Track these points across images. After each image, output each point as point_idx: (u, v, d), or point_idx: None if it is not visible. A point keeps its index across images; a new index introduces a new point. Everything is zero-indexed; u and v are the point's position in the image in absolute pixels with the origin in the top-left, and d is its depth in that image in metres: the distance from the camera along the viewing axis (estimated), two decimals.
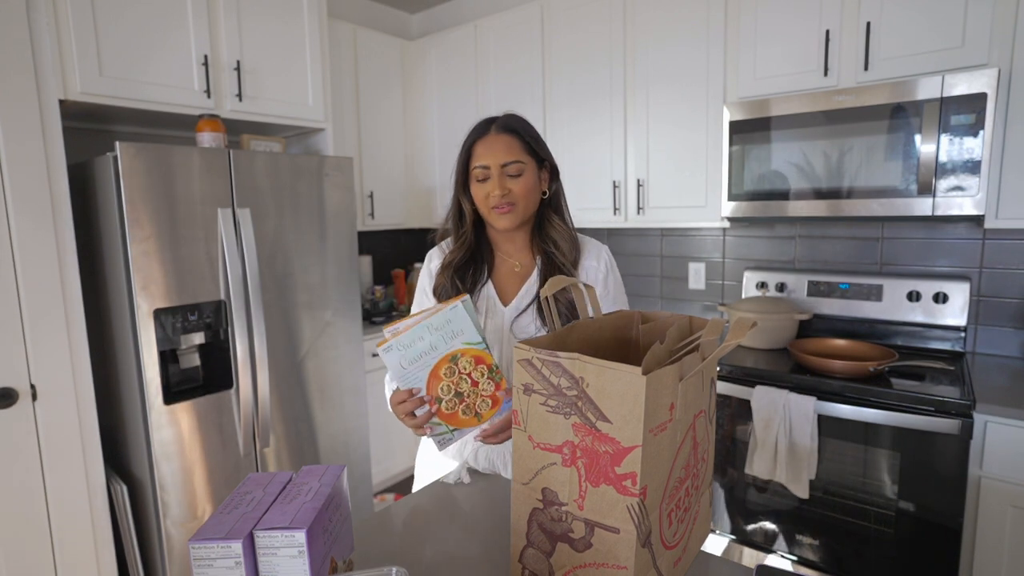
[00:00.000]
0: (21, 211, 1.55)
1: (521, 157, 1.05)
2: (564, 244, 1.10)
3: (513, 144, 1.05)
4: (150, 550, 1.83)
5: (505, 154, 1.04)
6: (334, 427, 2.21)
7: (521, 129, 1.08)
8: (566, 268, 1.09)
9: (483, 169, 1.05)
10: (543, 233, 1.12)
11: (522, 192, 1.05)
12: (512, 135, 1.06)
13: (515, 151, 1.05)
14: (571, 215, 1.16)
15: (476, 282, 1.12)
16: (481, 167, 1.05)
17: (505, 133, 1.06)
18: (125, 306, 1.70)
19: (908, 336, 1.97)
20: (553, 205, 1.13)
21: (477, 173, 1.06)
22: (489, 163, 1.04)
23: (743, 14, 1.96)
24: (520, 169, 1.05)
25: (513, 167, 1.04)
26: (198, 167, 1.76)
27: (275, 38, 2.14)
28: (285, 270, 2.01)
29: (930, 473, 1.52)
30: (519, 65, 2.58)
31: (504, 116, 1.10)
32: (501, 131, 1.06)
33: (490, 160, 1.04)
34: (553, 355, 0.65)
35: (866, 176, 1.72)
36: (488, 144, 1.05)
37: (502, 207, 1.04)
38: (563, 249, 1.10)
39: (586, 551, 0.65)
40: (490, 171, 1.04)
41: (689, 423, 0.70)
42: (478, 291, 1.12)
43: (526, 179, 1.05)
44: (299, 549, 0.60)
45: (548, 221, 1.12)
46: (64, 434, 1.66)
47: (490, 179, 1.04)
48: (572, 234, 1.13)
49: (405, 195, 3.01)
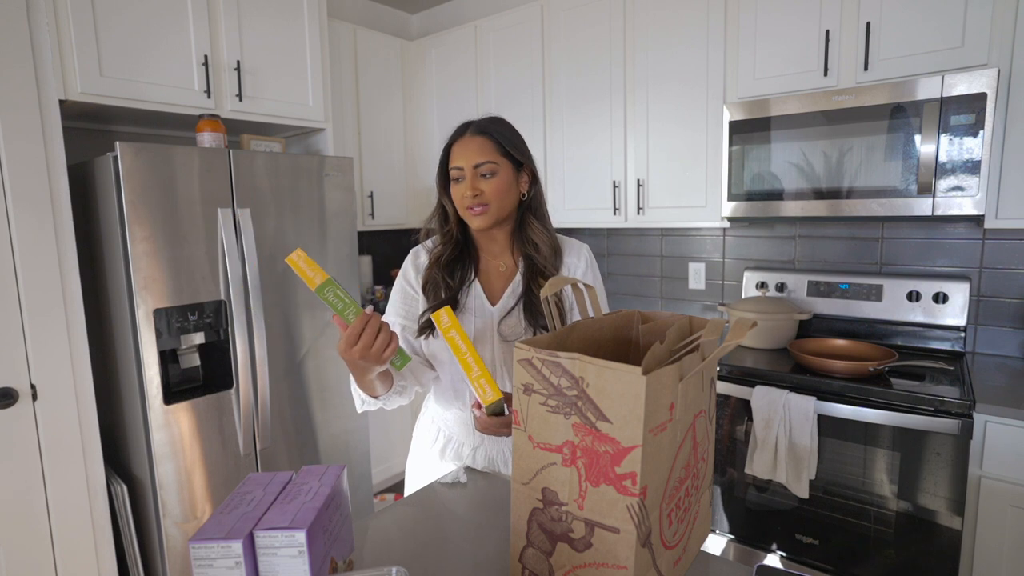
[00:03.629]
0: (21, 211, 1.55)
1: (494, 158, 1.06)
2: (544, 247, 1.12)
3: (486, 145, 1.07)
4: (150, 550, 1.83)
5: (478, 155, 1.05)
6: (334, 427, 2.21)
7: (496, 132, 1.09)
8: (547, 271, 1.10)
9: (458, 170, 1.07)
10: (523, 235, 1.13)
11: (494, 193, 1.06)
12: (486, 137, 1.07)
13: (487, 152, 1.06)
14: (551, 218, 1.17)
15: (464, 278, 1.13)
16: (456, 168, 1.07)
17: (480, 135, 1.07)
18: (125, 306, 1.70)
19: (908, 336, 1.97)
20: (532, 208, 1.13)
21: (453, 174, 1.08)
22: (463, 164, 1.06)
23: (743, 14, 1.96)
24: (493, 169, 1.06)
25: (485, 167, 1.06)
26: (198, 167, 1.77)
27: (275, 38, 2.15)
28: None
29: (930, 473, 1.52)
30: (519, 65, 2.58)
31: (482, 119, 1.12)
32: (476, 133, 1.08)
33: (463, 161, 1.06)
34: (553, 355, 0.65)
35: (866, 176, 1.72)
36: (463, 146, 1.07)
37: (474, 207, 1.06)
38: (543, 252, 1.11)
39: (586, 551, 0.65)
40: (464, 172, 1.06)
41: (689, 423, 0.70)
42: (466, 288, 1.13)
43: (499, 180, 1.07)
44: (299, 549, 0.60)
45: (528, 224, 1.13)
46: (64, 434, 1.66)
47: (464, 180, 1.06)
48: (551, 237, 1.14)
49: (405, 195, 3.01)
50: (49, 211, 1.60)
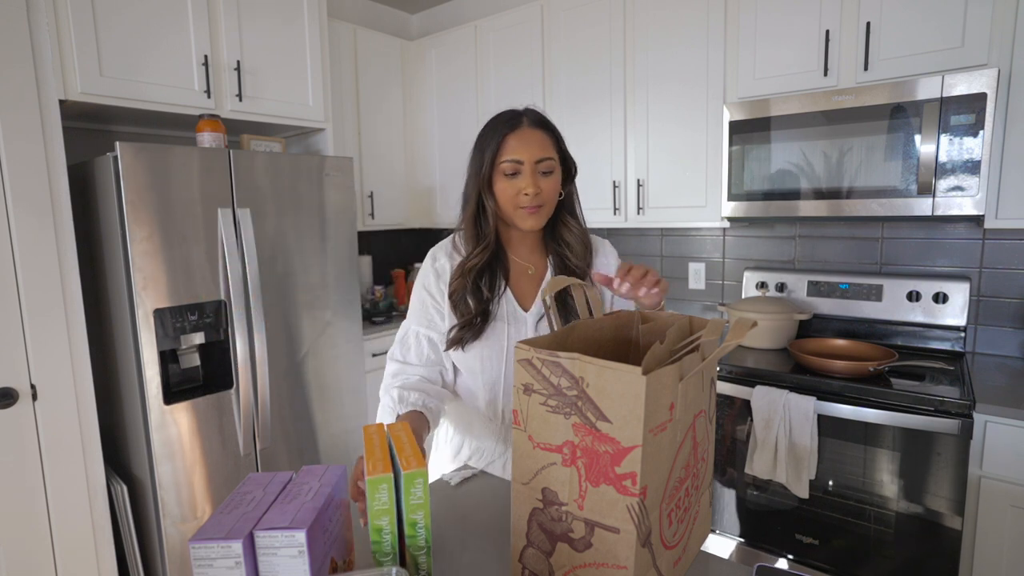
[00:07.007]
0: (21, 211, 1.55)
1: (553, 155, 1.00)
2: (577, 246, 1.07)
3: (546, 141, 1.00)
4: (150, 550, 1.83)
5: (539, 150, 0.98)
6: (334, 427, 2.21)
7: (552, 126, 1.02)
8: (580, 271, 1.06)
9: (515, 164, 0.97)
10: (556, 234, 1.08)
11: (551, 193, 1.00)
12: (545, 132, 1.01)
13: (548, 148, 1.00)
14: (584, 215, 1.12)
15: (495, 287, 1.05)
16: (513, 161, 0.97)
17: (539, 128, 1.00)
18: (125, 306, 1.70)
19: (908, 336, 1.97)
20: (567, 206, 1.08)
21: (507, 167, 0.98)
22: (523, 157, 0.97)
23: (743, 14, 1.96)
24: (552, 167, 0.99)
25: (546, 163, 0.99)
26: (198, 167, 1.76)
27: (275, 38, 2.15)
28: (285, 270, 2.01)
29: (930, 473, 1.52)
30: (519, 65, 2.58)
31: (531, 110, 1.03)
32: (535, 126, 1.00)
33: (524, 155, 0.97)
34: (553, 355, 0.65)
35: (866, 176, 1.72)
36: (523, 138, 0.98)
37: (531, 207, 0.98)
38: (576, 252, 1.06)
39: (586, 551, 0.65)
40: (522, 166, 0.97)
41: (689, 423, 0.70)
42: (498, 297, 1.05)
43: (555, 179, 1.01)
44: (299, 549, 0.60)
45: (562, 223, 1.07)
46: (64, 434, 1.66)
47: (520, 175, 0.98)
48: (585, 236, 1.09)
49: (405, 195, 3.01)
50: (49, 211, 1.60)
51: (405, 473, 0.65)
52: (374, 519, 0.65)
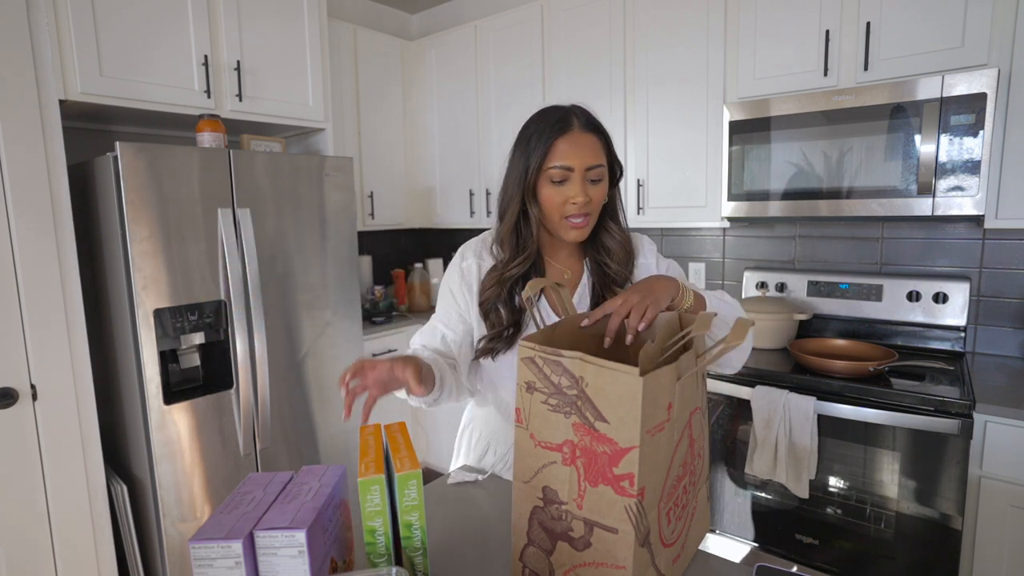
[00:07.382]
0: (21, 211, 1.55)
1: (603, 161, 0.93)
2: (620, 252, 1.00)
3: (598, 146, 0.92)
4: (150, 550, 1.83)
5: (591, 156, 0.91)
6: (334, 427, 2.21)
7: (603, 128, 0.95)
8: (620, 278, 1.00)
9: (565, 171, 0.90)
10: (596, 240, 1.01)
11: (599, 202, 0.94)
12: (597, 136, 0.93)
13: (599, 154, 0.92)
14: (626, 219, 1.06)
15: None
16: (562, 168, 0.90)
17: (591, 132, 0.93)
18: (125, 306, 1.70)
19: (908, 336, 1.97)
20: (610, 211, 1.01)
21: (556, 174, 0.91)
22: (574, 164, 0.90)
23: (743, 14, 1.96)
24: (601, 174, 0.93)
25: (596, 171, 0.92)
26: (198, 167, 1.76)
27: (275, 38, 2.14)
28: (285, 270, 2.01)
29: (930, 473, 1.52)
30: (519, 65, 2.58)
31: (580, 109, 0.95)
32: (587, 129, 0.92)
33: (576, 161, 0.90)
34: (555, 353, 0.65)
35: (866, 176, 1.72)
36: (574, 142, 0.90)
37: (578, 216, 0.92)
38: (618, 258, 1.00)
39: (585, 550, 0.65)
40: (572, 174, 0.91)
41: (686, 421, 0.70)
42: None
43: (603, 187, 0.94)
44: (299, 549, 0.60)
45: (604, 228, 1.01)
46: (64, 434, 1.66)
47: (569, 182, 0.91)
48: (628, 242, 1.02)
49: (405, 195, 3.01)
50: (49, 211, 1.60)
51: (399, 475, 0.65)
52: (367, 520, 0.65)
